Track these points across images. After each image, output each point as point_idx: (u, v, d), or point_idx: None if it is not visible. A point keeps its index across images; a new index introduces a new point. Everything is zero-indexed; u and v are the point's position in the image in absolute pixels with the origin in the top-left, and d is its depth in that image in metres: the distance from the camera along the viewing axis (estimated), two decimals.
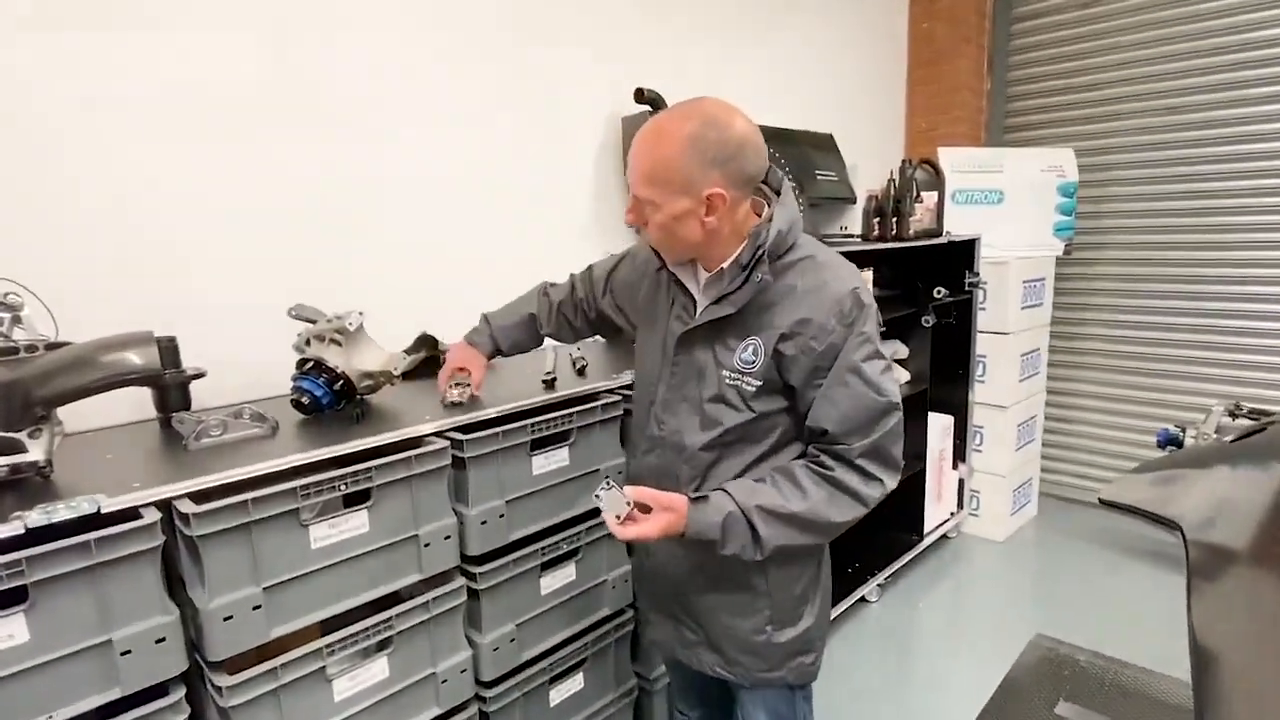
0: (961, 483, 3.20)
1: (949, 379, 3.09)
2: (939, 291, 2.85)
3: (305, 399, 1.35)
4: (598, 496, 1.08)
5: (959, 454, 3.17)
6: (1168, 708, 2.11)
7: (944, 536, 3.17)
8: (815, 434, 1.11)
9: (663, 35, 2.46)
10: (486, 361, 1.48)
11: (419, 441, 1.32)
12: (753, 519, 1.08)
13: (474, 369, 1.46)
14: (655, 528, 1.07)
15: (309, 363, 1.37)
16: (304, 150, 1.68)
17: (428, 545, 1.30)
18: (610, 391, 1.64)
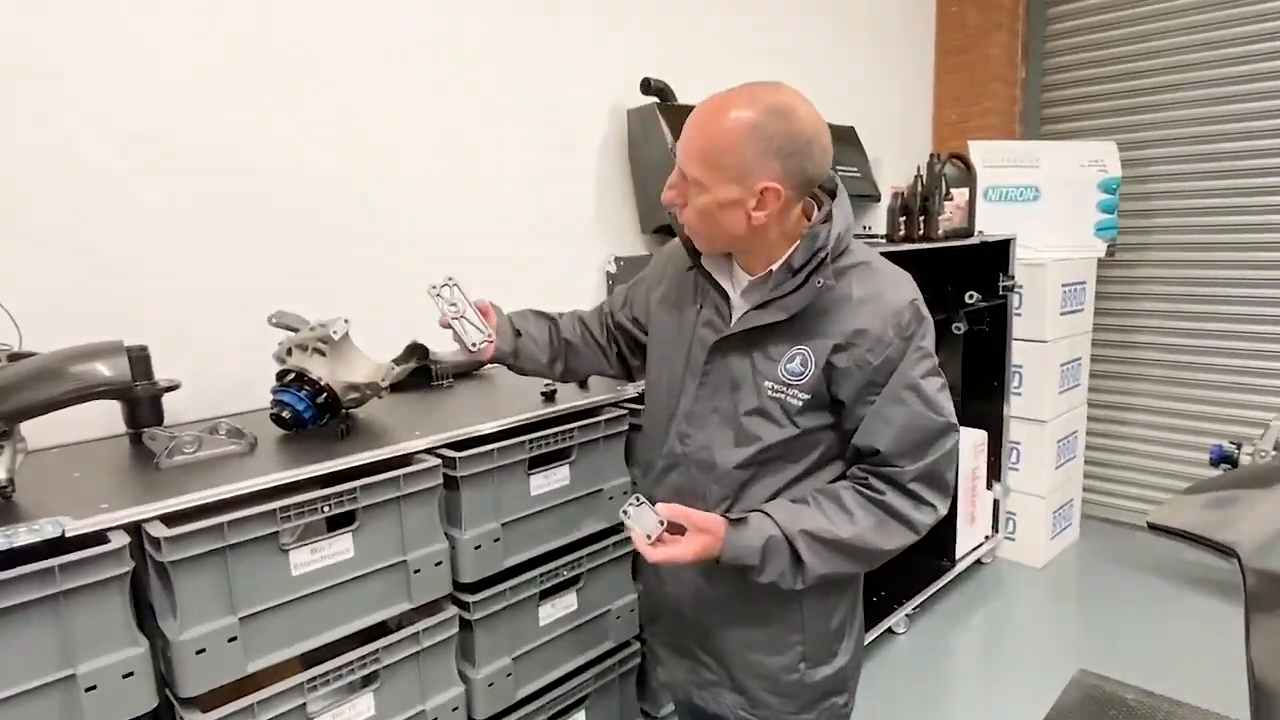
0: (996, 504, 3.18)
1: (982, 391, 3.08)
2: (971, 296, 2.85)
3: (286, 413, 1.35)
4: (625, 513, 1.06)
5: (994, 473, 3.15)
6: None
7: (978, 562, 3.15)
8: (864, 454, 1.10)
9: (670, 21, 2.47)
10: (497, 337, 1.31)
11: (408, 459, 1.32)
12: (796, 544, 1.07)
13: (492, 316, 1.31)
14: (690, 550, 1.06)
15: (290, 374, 1.37)
16: (285, 143, 1.69)
17: (417, 572, 1.30)
18: (615, 405, 1.63)
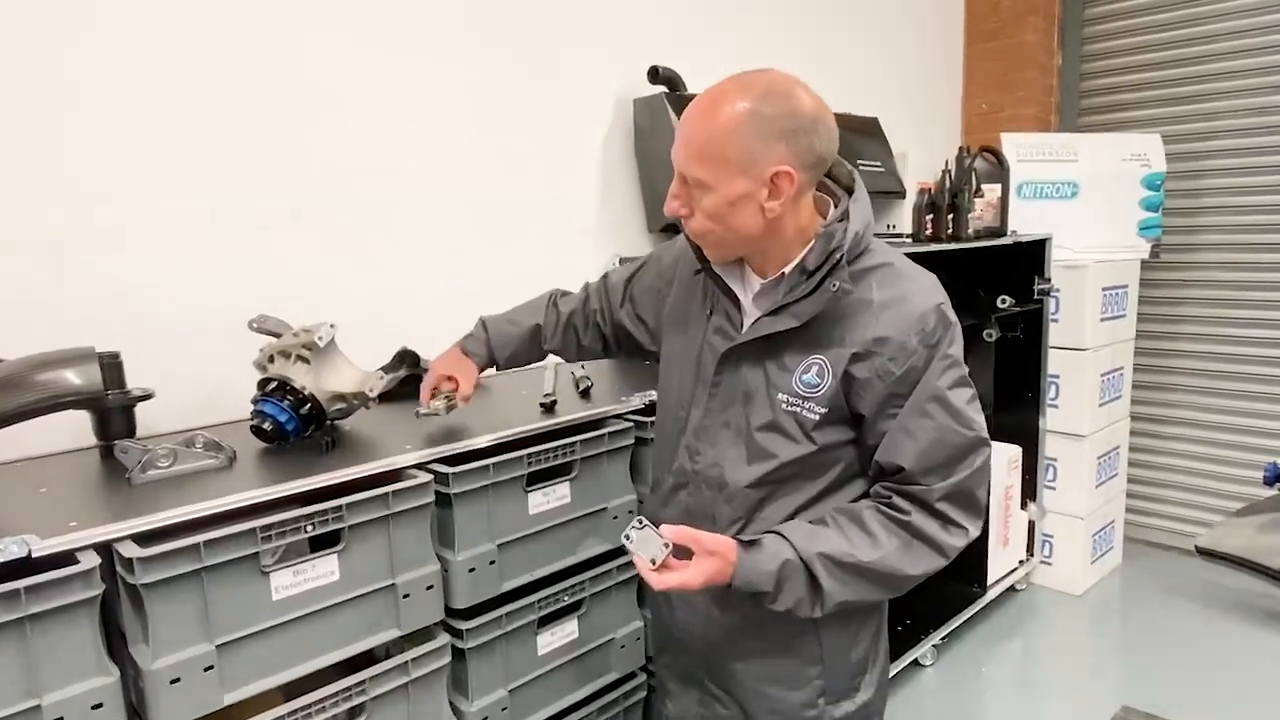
0: (1032, 525, 3.17)
1: (1016, 403, 3.07)
2: (1003, 301, 2.84)
3: (267, 425, 1.36)
4: (628, 537, 1.06)
5: (1028, 491, 3.14)
6: None
7: (1011, 589, 3.14)
8: (887, 471, 1.10)
9: (679, 5, 2.48)
10: (478, 374, 1.49)
11: (398, 475, 1.32)
12: (814, 569, 1.06)
13: (462, 380, 1.46)
14: (699, 576, 1.05)
15: (272, 383, 1.38)
16: (268, 137, 1.71)
17: (407, 596, 1.30)
18: (619, 417, 1.64)
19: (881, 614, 1.27)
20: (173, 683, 1.07)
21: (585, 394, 1.75)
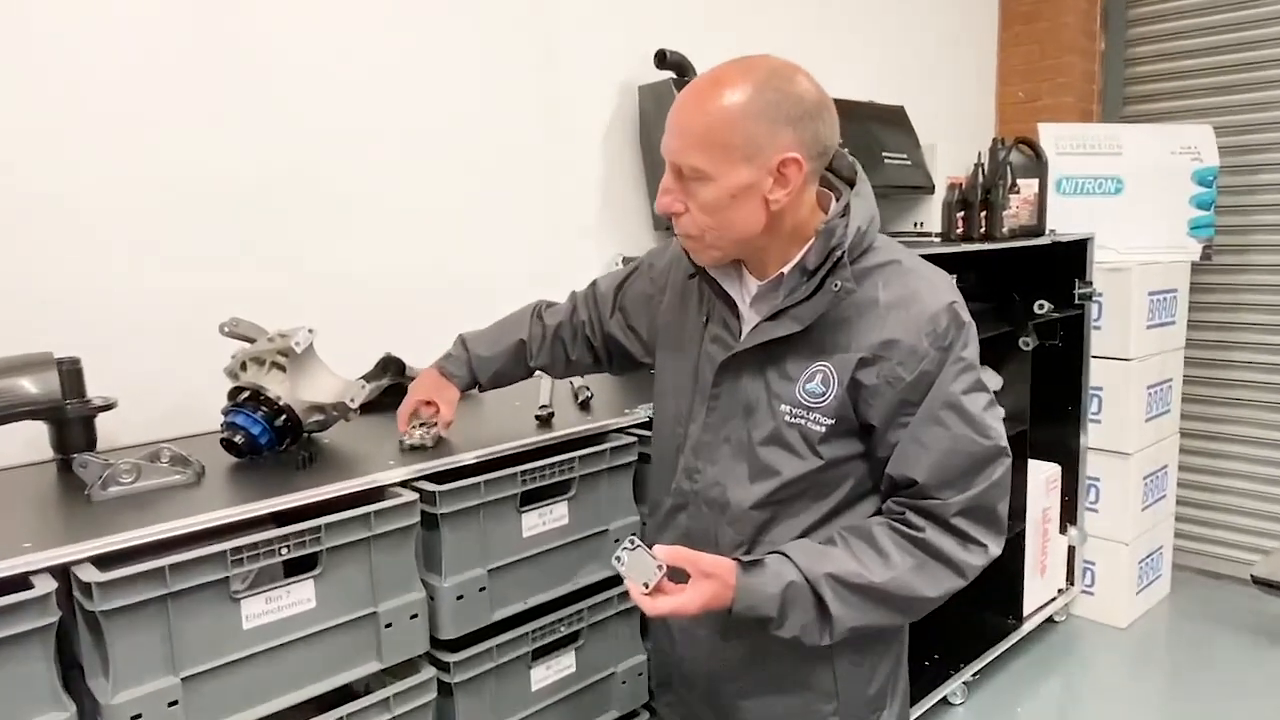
0: (1072, 551, 3.16)
1: (1054, 417, 3.07)
2: (1041, 306, 2.84)
3: (239, 438, 1.36)
4: (618, 559, 1.06)
5: (1068, 514, 3.13)
6: None
7: (1049, 620, 3.12)
8: (899, 485, 1.10)
9: None
10: (459, 396, 1.49)
11: (380, 494, 1.32)
12: (821, 592, 1.05)
13: (443, 405, 1.46)
14: (695, 600, 1.04)
15: (245, 392, 1.38)
16: (238, 125, 1.71)
17: (389, 626, 1.29)
18: (622, 431, 1.64)
19: (901, 643, 1.26)
20: (134, 719, 1.07)
21: (584, 406, 1.75)
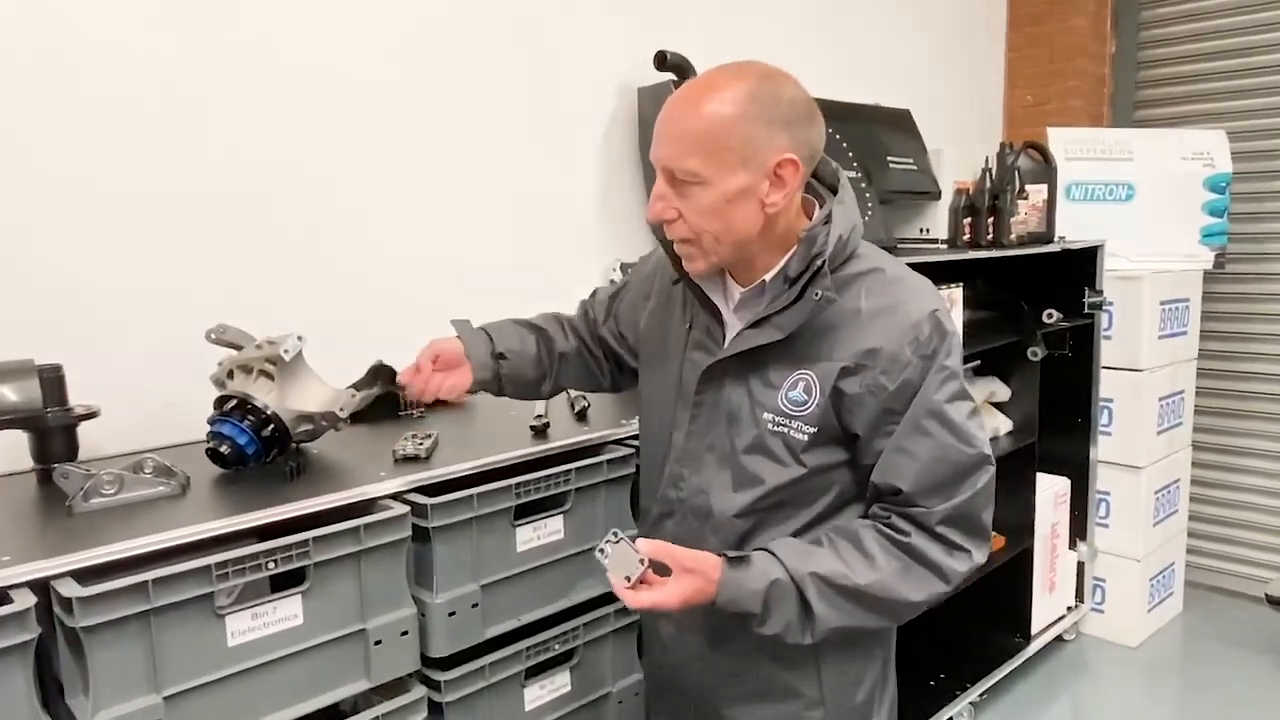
0: (1081, 567, 3.15)
1: (1063, 429, 3.06)
2: (1050, 315, 2.84)
3: (225, 448, 1.35)
4: (602, 552, 1.09)
5: (1078, 530, 3.12)
6: None
7: (1058, 639, 3.12)
8: (884, 493, 1.13)
9: None
10: (471, 369, 1.38)
11: (370, 506, 1.31)
12: (805, 590, 1.08)
13: (457, 371, 1.37)
14: (677, 594, 1.07)
15: (231, 401, 1.38)
16: (227, 125, 1.72)
17: (379, 643, 1.29)
18: (619, 443, 1.64)
19: (887, 648, 1.28)
20: None
21: (581, 416, 1.75)
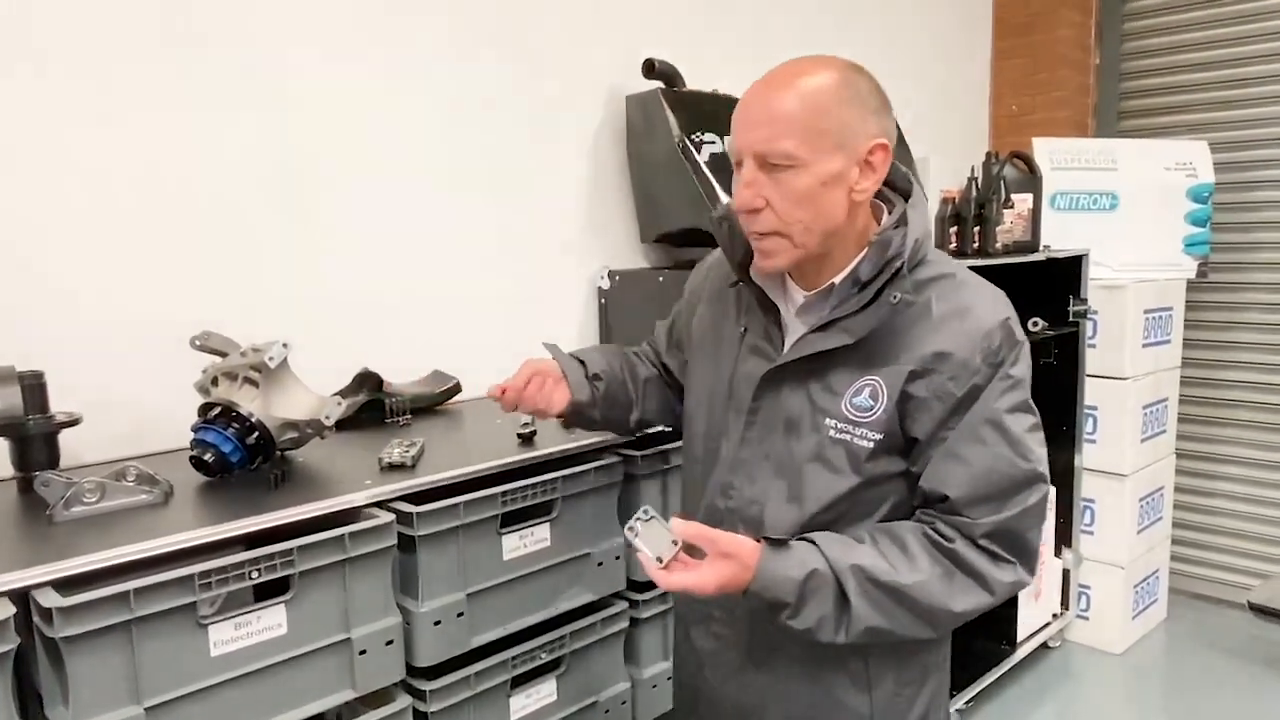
0: (1066, 575, 3.18)
1: (1049, 438, 3.04)
2: (1034, 324, 2.87)
3: (209, 456, 1.35)
4: (632, 529, 1.07)
5: (1062, 537, 3.15)
6: None
7: (1043, 646, 3.14)
8: (931, 499, 1.10)
9: None
10: (569, 387, 1.38)
11: (355, 515, 1.31)
12: (845, 583, 1.04)
13: (557, 395, 1.36)
14: (713, 578, 1.04)
15: (215, 408, 1.37)
16: (209, 129, 1.71)
17: (364, 653, 1.29)
18: (607, 450, 1.64)
19: (943, 671, 1.25)
20: None
21: (568, 425, 1.74)
